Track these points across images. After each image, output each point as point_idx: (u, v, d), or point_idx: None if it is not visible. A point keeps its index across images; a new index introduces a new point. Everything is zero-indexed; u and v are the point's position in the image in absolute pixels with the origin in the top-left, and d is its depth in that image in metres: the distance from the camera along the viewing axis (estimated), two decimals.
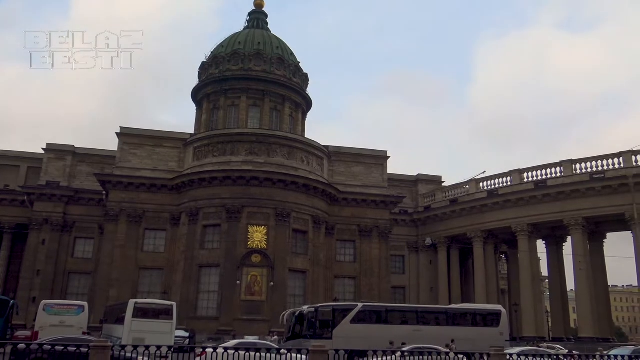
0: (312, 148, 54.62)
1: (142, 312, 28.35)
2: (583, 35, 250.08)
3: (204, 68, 69.59)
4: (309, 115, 73.28)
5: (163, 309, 29.55)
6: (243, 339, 31.32)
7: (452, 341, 27.61)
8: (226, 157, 51.64)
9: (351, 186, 56.87)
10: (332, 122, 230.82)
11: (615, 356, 25.15)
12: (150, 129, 54.64)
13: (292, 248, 51.15)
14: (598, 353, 28.95)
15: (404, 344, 25.38)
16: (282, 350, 20.13)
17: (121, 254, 50.34)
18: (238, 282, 47.72)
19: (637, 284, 53.43)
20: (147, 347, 17.00)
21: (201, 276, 49.72)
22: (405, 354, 21.49)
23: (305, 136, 62.49)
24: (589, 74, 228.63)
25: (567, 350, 34.17)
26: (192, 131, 64.19)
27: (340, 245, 56.58)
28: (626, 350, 28.74)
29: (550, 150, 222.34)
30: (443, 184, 67.68)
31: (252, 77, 65.73)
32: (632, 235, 49.42)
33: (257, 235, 49.41)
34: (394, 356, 21.32)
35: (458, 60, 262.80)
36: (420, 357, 21.26)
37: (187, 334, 37.85)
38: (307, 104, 71.88)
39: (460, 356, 22.12)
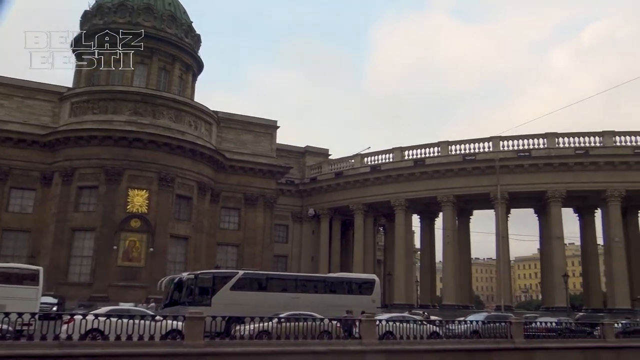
0: (201, 112, 53.19)
1: (3, 277, 26.27)
2: (473, 25, 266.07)
3: (86, 17, 64.33)
4: (201, 79, 71.20)
5: (28, 274, 27.59)
6: (117, 305, 30.26)
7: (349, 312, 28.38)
8: (107, 115, 48.71)
9: (239, 154, 56.38)
10: (226, 89, 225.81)
11: (471, 321, 27.80)
12: (20, 78, 49.76)
13: (175, 214, 49.93)
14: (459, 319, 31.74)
15: None
16: (158, 317, 19.76)
17: None
18: (115, 247, 45.79)
19: (495, 257, 58.97)
20: (7, 314, 15.92)
21: (74, 240, 46.99)
22: (282, 320, 22.08)
23: (195, 100, 60.60)
24: (473, 62, 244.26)
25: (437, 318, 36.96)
26: (71, 85, 59.46)
27: (225, 213, 56.21)
28: (480, 316, 31.80)
29: (434, 130, 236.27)
30: (330, 157, 69.35)
31: (140, 33, 61.96)
32: (494, 213, 54.39)
33: (138, 200, 47.52)
34: (271, 322, 21.82)
35: (357, 36, 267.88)
36: (297, 324, 22.00)
37: (55, 301, 35.73)
38: (199, 66, 69.49)
39: (335, 322, 23.20)
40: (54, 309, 32.91)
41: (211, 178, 53.60)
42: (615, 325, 30.80)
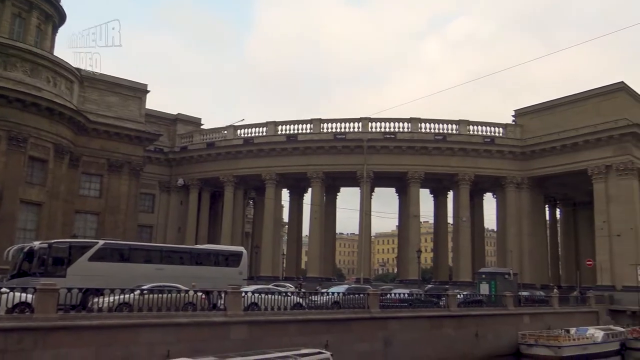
0: (62, 68, 48.73)
1: None
2: (355, 7, 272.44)
3: None
4: (67, 36, 64.76)
5: None
6: None
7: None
8: None
9: (104, 117, 52.82)
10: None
11: (333, 292, 29.25)
12: None
13: (27, 177, 45.59)
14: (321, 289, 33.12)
15: None
16: (4, 289, 18.17)
17: None
18: None
19: (357, 233, 62.11)
20: None
21: None
22: (145, 292, 21.47)
23: (56, 54, 55.38)
24: (352, 44, 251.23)
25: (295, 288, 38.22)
26: None
27: (85, 179, 52.56)
28: (342, 288, 33.67)
29: (312, 107, 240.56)
30: (202, 127, 67.71)
31: None
32: (360, 191, 57.13)
33: None
34: (132, 294, 21.12)
35: (239, 7, 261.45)
36: (160, 295, 21.52)
37: None
38: (61, 17, 63.26)
39: (200, 294, 23.07)
40: None
41: (71, 141, 49.67)
42: (458, 296, 34.34)
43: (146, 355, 18.42)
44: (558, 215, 71.45)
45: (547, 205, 66.70)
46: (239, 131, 61.69)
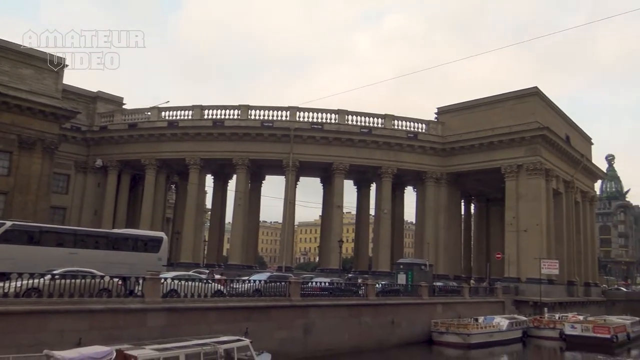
0: None
1: None
2: None
3: None
4: None
5: None
6: None
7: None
8: None
9: (15, 89, 49.20)
10: (8, 13, 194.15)
11: (254, 280, 29.25)
12: None
13: None
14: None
15: None
16: None
17: None
18: None
19: (281, 221, 62.20)
20: None
21: None
22: (56, 277, 20.49)
23: None
24: (288, 32, 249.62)
25: (219, 275, 37.83)
26: None
27: None
28: (263, 276, 33.78)
29: (238, 93, 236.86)
30: (124, 106, 64.98)
31: None
32: (285, 179, 57.23)
33: None
34: (42, 279, 20.09)
35: None
36: (73, 281, 20.62)
37: None
38: None
39: (116, 279, 22.32)
40: None
41: None
42: (377, 285, 35.40)
43: (56, 343, 17.58)
44: (472, 210, 75.10)
45: (462, 200, 69.87)
46: (163, 113, 59.78)
